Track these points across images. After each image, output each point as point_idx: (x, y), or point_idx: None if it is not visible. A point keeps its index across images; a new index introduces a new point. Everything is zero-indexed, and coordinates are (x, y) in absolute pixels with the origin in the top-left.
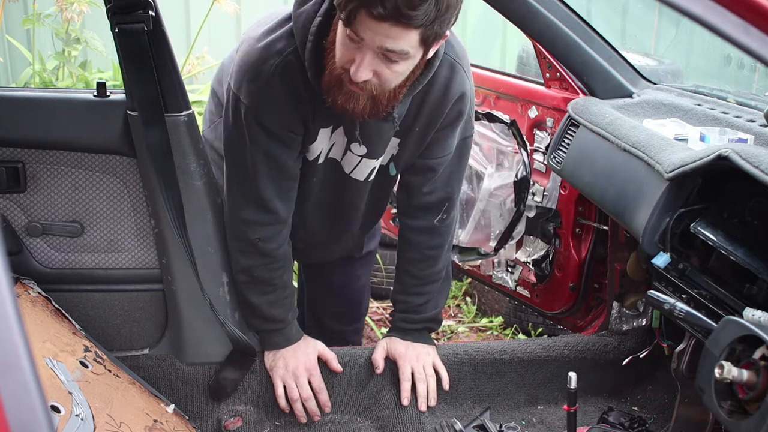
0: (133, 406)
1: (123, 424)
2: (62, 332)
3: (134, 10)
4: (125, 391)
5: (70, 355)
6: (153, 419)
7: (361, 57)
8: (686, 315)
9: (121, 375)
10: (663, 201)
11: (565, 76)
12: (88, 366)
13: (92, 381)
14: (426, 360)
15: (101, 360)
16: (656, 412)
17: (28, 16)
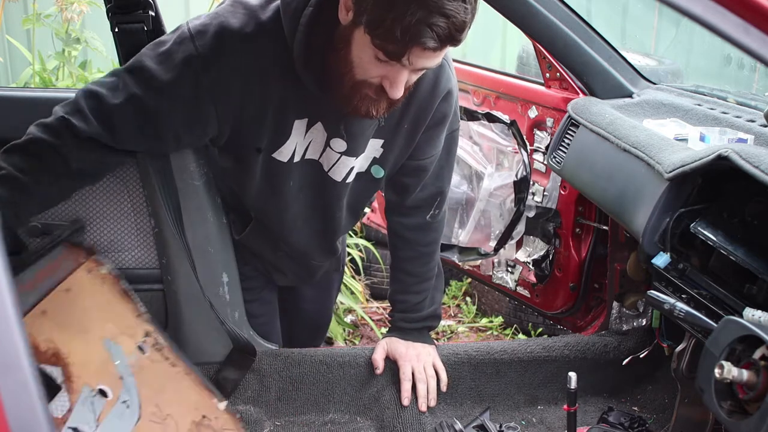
0: (184, 398)
1: (169, 416)
2: (126, 314)
3: (134, 10)
4: (179, 382)
5: (130, 339)
6: (202, 414)
7: (398, 77)
8: (686, 315)
9: (178, 364)
10: (663, 201)
11: (565, 76)
12: (145, 351)
13: (146, 367)
14: (426, 360)
15: (160, 347)
16: (656, 412)
17: (28, 16)
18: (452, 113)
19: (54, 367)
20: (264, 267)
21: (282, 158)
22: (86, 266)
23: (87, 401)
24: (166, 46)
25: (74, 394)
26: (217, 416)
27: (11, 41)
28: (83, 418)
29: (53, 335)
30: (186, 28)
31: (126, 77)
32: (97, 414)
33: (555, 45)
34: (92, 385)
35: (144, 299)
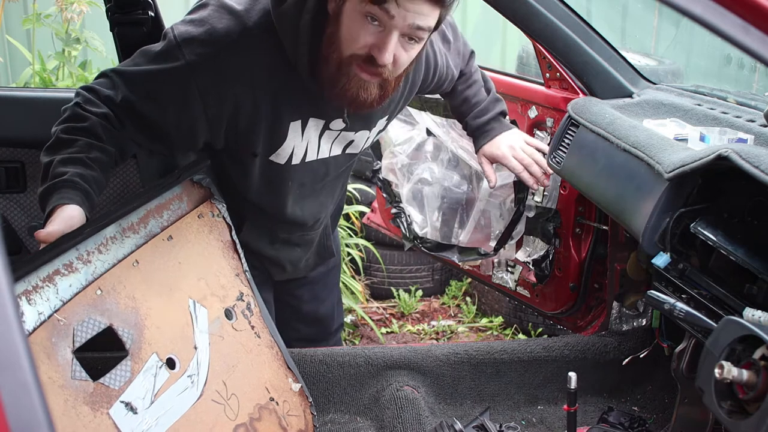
0: (257, 375)
1: (234, 396)
2: (224, 271)
3: (134, 11)
4: (257, 356)
5: (219, 301)
6: (270, 396)
7: (386, 39)
8: (686, 315)
9: (263, 335)
10: (663, 201)
11: (565, 76)
12: (231, 317)
13: (227, 337)
14: (518, 143)
15: (249, 313)
16: (656, 412)
17: (28, 16)
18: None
19: (127, 331)
20: (261, 263)
21: (279, 160)
22: (199, 210)
23: (150, 372)
24: (154, 55)
25: (139, 363)
26: (285, 399)
27: (11, 41)
28: (140, 391)
29: (137, 291)
30: (172, 35)
31: (117, 81)
32: (156, 388)
33: (555, 45)
34: (162, 353)
35: None
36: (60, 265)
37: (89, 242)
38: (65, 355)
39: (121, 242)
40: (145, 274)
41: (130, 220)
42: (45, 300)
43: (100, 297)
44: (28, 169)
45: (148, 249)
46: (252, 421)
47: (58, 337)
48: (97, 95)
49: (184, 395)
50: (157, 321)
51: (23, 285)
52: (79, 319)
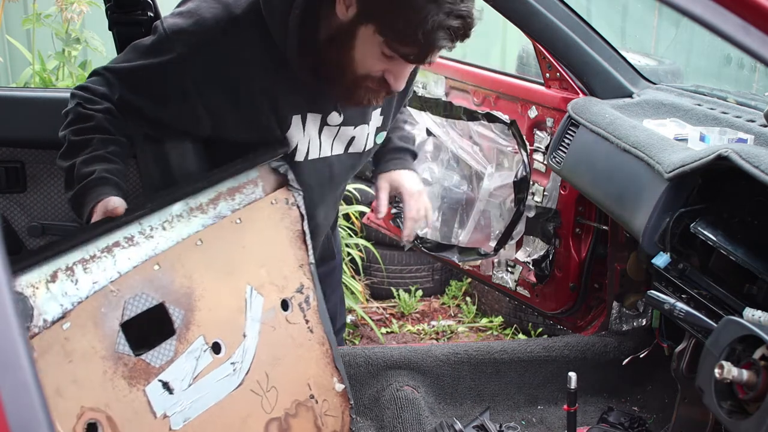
0: (302, 371)
1: (274, 389)
2: (288, 260)
3: (133, 10)
4: (306, 351)
5: (277, 291)
6: (310, 394)
7: (403, 71)
8: (686, 315)
9: (316, 331)
10: (663, 201)
11: (565, 76)
12: (287, 309)
13: (278, 329)
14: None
15: (306, 306)
16: (656, 412)
17: (28, 16)
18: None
19: (178, 310)
20: None
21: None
22: (274, 196)
23: (193, 354)
24: (145, 49)
25: (184, 344)
26: (325, 398)
27: (11, 41)
28: (180, 372)
29: (195, 272)
30: (162, 28)
31: (111, 78)
32: (197, 371)
33: (555, 45)
34: (209, 337)
35: None
36: (121, 238)
37: (154, 218)
38: (112, 327)
39: (188, 221)
40: (207, 255)
41: (199, 200)
42: (102, 270)
43: (156, 273)
44: (28, 169)
45: (215, 230)
46: (287, 416)
47: (108, 308)
48: (94, 93)
49: (223, 382)
50: (210, 303)
51: (80, 254)
52: (133, 292)
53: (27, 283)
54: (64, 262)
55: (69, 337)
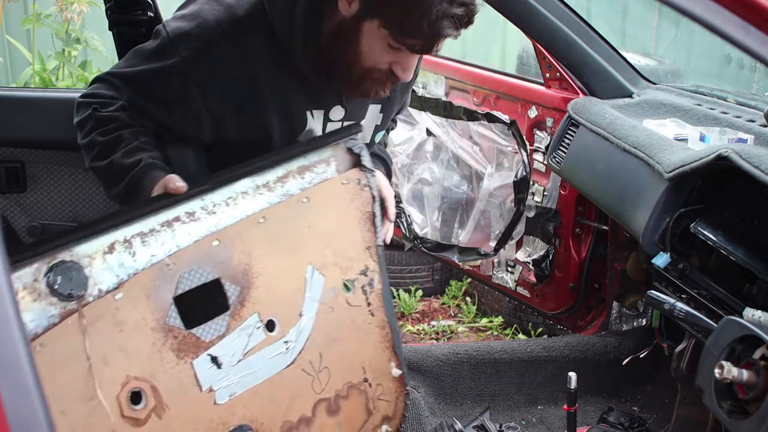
0: (357, 354)
1: (326, 370)
2: (355, 242)
3: (133, 11)
4: (365, 334)
5: (340, 272)
6: (364, 377)
7: (410, 62)
8: (686, 315)
9: (377, 314)
10: (663, 201)
11: (565, 76)
12: (349, 291)
13: (337, 310)
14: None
15: (369, 289)
16: (656, 412)
17: (28, 16)
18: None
19: (234, 286)
20: None
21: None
22: (346, 176)
23: (245, 331)
24: (148, 53)
25: (237, 320)
26: (380, 383)
27: (11, 41)
28: (230, 348)
29: (255, 249)
30: (165, 32)
31: (116, 83)
32: (247, 348)
33: (555, 45)
34: (264, 314)
35: None
36: (182, 213)
37: (217, 195)
38: (165, 299)
39: (253, 198)
40: (269, 233)
41: (266, 178)
42: (160, 244)
43: (215, 248)
44: (28, 169)
45: (280, 207)
46: (337, 397)
47: (162, 281)
48: (104, 97)
49: (274, 360)
50: (268, 281)
51: (139, 227)
52: (189, 267)
53: (84, 253)
54: (122, 234)
55: (120, 308)
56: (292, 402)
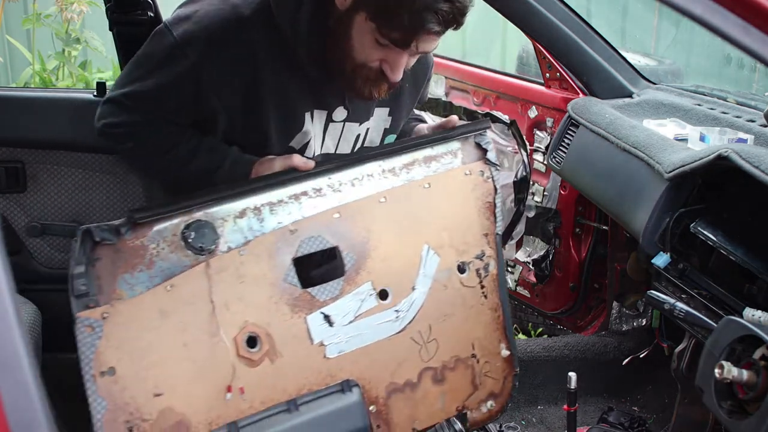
0: (468, 331)
1: (434, 341)
2: (473, 229)
3: (134, 10)
4: (475, 315)
5: (456, 254)
6: (472, 353)
7: (398, 60)
8: (686, 315)
9: (490, 297)
10: (663, 201)
11: (565, 76)
12: (463, 272)
13: (450, 288)
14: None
15: (484, 273)
16: (656, 412)
17: (28, 16)
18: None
19: (351, 255)
20: None
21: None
22: (469, 167)
23: (358, 297)
24: (157, 62)
25: (351, 286)
26: (488, 360)
27: (11, 41)
28: (342, 309)
29: (375, 224)
30: (172, 37)
31: (129, 104)
32: (359, 311)
33: (555, 45)
34: (377, 283)
35: None
36: (309, 189)
37: (344, 175)
38: (284, 260)
39: (378, 181)
40: (389, 211)
41: (393, 163)
42: (287, 213)
43: (336, 220)
44: (28, 169)
45: (401, 191)
46: (444, 368)
47: (283, 243)
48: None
49: (384, 326)
50: (384, 254)
51: (268, 197)
52: (309, 234)
53: (217, 215)
54: (253, 202)
55: (244, 262)
56: (399, 366)
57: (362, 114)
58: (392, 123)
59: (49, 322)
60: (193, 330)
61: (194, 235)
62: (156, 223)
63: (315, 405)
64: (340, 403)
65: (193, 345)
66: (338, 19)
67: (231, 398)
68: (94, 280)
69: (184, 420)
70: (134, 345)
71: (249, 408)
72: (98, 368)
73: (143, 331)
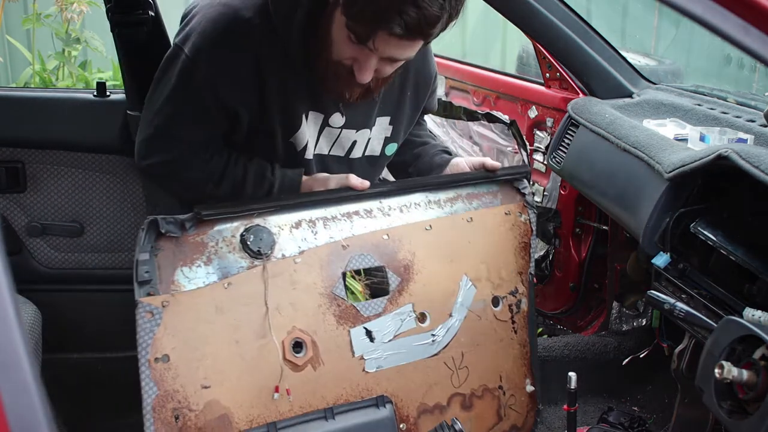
0: (496, 362)
1: (465, 368)
2: (509, 265)
3: (134, 10)
4: (505, 347)
5: (491, 287)
6: (499, 384)
7: (366, 61)
8: (686, 315)
9: (520, 333)
10: (663, 201)
11: (565, 76)
12: (497, 305)
13: (484, 320)
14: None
15: (516, 309)
16: (656, 412)
17: (28, 16)
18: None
19: (395, 276)
20: None
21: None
22: (509, 207)
23: (399, 317)
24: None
25: (394, 305)
26: (513, 393)
27: (11, 41)
28: (383, 326)
29: (419, 250)
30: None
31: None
32: (399, 331)
33: (555, 45)
34: (418, 307)
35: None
36: (361, 209)
37: (393, 200)
38: (335, 272)
39: (424, 210)
40: (433, 239)
41: (438, 196)
42: (339, 229)
43: (384, 241)
44: (28, 169)
45: (446, 221)
46: (472, 396)
47: (335, 257)
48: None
49: (421, 348)
50: (426, 279)
51: (323, 212)
52: (360, 251)
53: (275, 223)
54: (308, 215)
55: (297, 270)
56: (430, 388)
57: (360, 121)
58: (393, 132)
59: (49, 322)
60: (245, 329)
61: (252, 239)
62: (219, 222)
63: (350, 416)
64: (373, 417)
65: (244, 343)
66: (326, 15)
67: (278, 398)
68: (156, 269)
69: (227, 414)
70: (189, 336)
71: (288, 411)
72: (154, 354)
73: (199, 324)
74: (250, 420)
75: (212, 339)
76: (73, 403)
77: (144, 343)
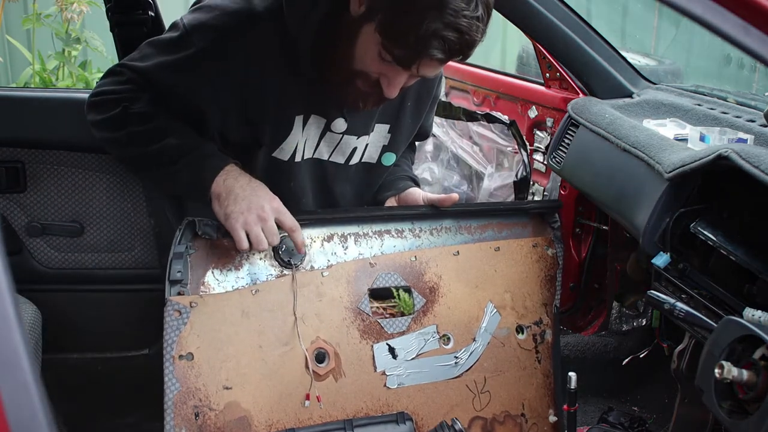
0: (520, 390)
1: (487, 393)
2: (534, 297)
3: (134, 11)
4: (529, 376)
5: (516, 316)
6: (522, 412)
7: (397, 78)
8: (686, 315)
9: (543, 363)
10: (663, 201)
11: (565, 76)
12: (521, 334)
13: (507, 347)
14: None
15: (540, 340)
16: (656, 412)
17: (28, 16)
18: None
19: (420, 297)
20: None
21: (282, 156)
22: (536, 240)
23: (423, 336)
24: (164, 46)
25: (418, 325)
26: (535, 422)
27: (11, 41)
28: (407, 344)
29: (445, 274)
30: (182, 25)
31: (131, 75)
32: (422, 350)
33: (555, 45)
34: (441, 328)
35: (144, 299)
36: (393, 229)
37: (425, 223)
38: (361, 288)
39: (453, 235)
40: (461, 265)
41: (469, 223)
42: (369, 246)
43: (412, 263)
44: (28, 169)
45: (474, 248)
46: (493, 421)
47: (362, 273)
48: (125, 93)
49: (443, 368)
50: (451, 303)
51: (355, 228)
52: (386, 269)
53: (309, 235)
54: (341, 230)
55: (324, 283)
56: (451, 409)
57: (361, 127)
58: (391, 141)
59: (49, 322)
60: (270, 335)
61: (284, 249)
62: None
63: (369, 429)
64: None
65: (268, 349)
66: (348, 24)
67: (308, 406)
68: (188, 269)
69: (247, 417)
70: (214, 336)
71: (308, 419)
72: (178, 351)
73: (224, 326)
74: (269, 424)
75: (236, 342)
76: (73, 403)
77: (170, 340)
